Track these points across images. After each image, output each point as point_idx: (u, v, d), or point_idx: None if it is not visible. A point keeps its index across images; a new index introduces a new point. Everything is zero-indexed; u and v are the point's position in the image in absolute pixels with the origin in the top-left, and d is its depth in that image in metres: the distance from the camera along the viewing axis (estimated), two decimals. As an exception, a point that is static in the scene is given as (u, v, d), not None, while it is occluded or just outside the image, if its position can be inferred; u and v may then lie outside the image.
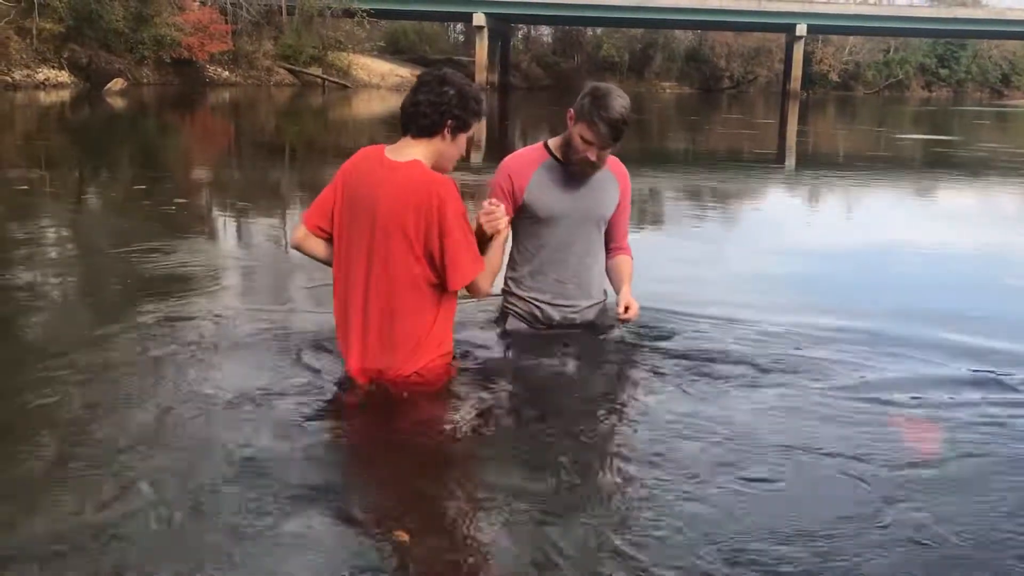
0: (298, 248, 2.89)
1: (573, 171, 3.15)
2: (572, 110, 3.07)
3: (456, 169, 2.89)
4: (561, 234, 3.22)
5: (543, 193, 3.18)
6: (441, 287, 2.75)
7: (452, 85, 2.71)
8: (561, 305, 3.28)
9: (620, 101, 3.01)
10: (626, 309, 3.12)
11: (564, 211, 3.19)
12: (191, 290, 4.11)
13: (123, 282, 4.37)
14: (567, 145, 3.12)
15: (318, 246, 2.86)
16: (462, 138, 2.78)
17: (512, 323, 3.33)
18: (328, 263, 2.87)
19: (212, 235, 5.91)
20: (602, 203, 3.27)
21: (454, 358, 2.93)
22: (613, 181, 3.29)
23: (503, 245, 2.92)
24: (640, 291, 3.27)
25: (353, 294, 2.75)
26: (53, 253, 5.11)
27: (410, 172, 2.68)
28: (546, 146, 3.24)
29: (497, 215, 2.80)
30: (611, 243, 3.39)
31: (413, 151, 2.73)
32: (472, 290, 2.80)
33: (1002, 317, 4.12)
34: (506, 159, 3.25)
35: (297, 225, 2.89)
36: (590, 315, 3.33)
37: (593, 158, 3.07)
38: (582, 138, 3.04)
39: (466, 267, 2.70)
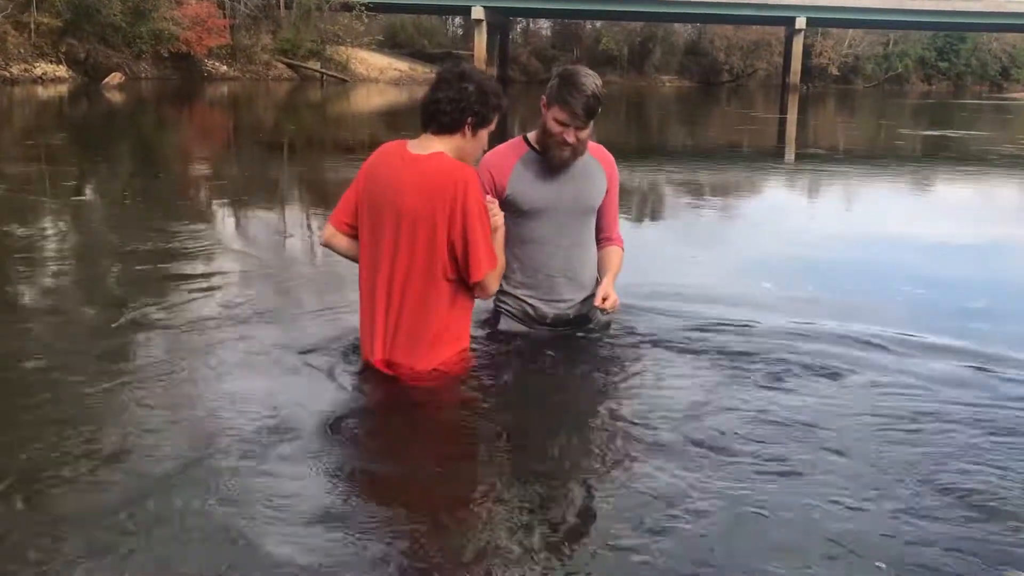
0: (327, 246, 2.97)
1: (553, 159, 3.08)
2: (544, 97, 3.04)
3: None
4: (548, 227, 3.16)
5: (525, 186, 3.13)
6: (459, 281, 2.77)
7: (472, 81, 2.72)
8: (553, 300, 3.23)
9: (590, 78, 2.99)
10: (604, 300, 3.07)
11: (548, 203, 3.14)
12: (202, 287, 4.09)
13: (131, 280, 4.34)
14: (543, 132, 3.08)
15: (346, 243, 2.91)
16: (483, 133, 2.80)
17: (505, 323, 3.27)
18: (355, 259, 2.91)
19: (222, 231, 5.86)
20: (588, 192, 3.20)
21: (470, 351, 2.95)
22: (599, 169, 3.23)
23: (502, 242, 2.91)
24: (639, 286, 3.24)
25: (378, 287, 2.76)
26: (60, 249, 5.11)
27: (434, 163, 2.70)
28: (525, 139, 3.19)
29: (493, 211, 2.80)
30: (600, 233, 3.32)
31: (435, 146, 2.75)
32: (481, 288, 2.80)
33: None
34: (484, 156, 3.16)
35: (326, 224, 2.94)
36: (584, 308, 3.27)
37: (571, 140, 3.01)
38: (557, 121, 3.00)
39: (485, 260, 2.72)
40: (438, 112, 2.71)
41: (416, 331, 2.76)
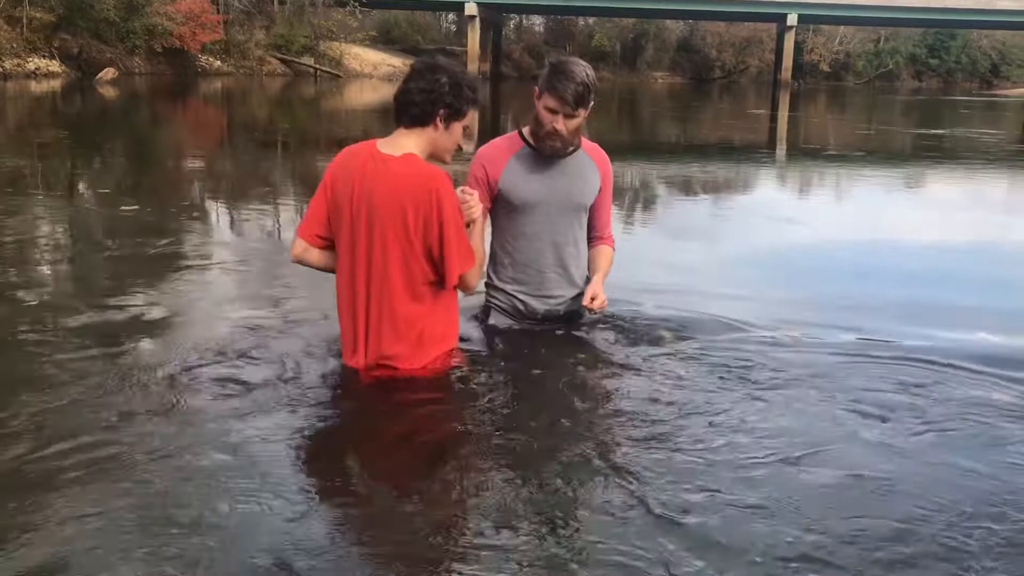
0: (299, 262, 2.84)
1: (544, 149, 3.08)
2: (536, 87, 3.05)
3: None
4: (539, 223, 3.16)
5: (518, 181, 3.13)
6: (438, 282, 2.73)
7: (444, 72, 2.66)
8: (544, 296, 3.23)
9: (580, 67, 2.99)
10: (592, 299, 3.04)
11: (540, 198, 3.13)
12: (186, 292, 4.03)
13: (118, 278, 4.27)
14: (535, 122, 3.07)
15: (318, 256, 2.81)
16: (456, 127, 2.73)
17: (495, 318, 3.27)
18: (331, 271, 2.83)
19: (208, 231, 5.79)
20: (580, 190, 3.19)
21: (457, 351, 2.91)
22: (593, 168, 3.22)
23: (482, 234, 2.88)
24: (633, 283, 3.21)
25: (355, 292, 2.72)
26: (52, 247, 5.13)
27: (405, 166, 2.65)
28: (520, 134, 3.19)
29: (471, 203, 2.77)
30: (592, 232, 3.31)
31: (406, 142, 2.69)
32: (461, 285, 2.77)
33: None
34: (480, 149, 3.19)
35: (295, 239, 2.82)
36: (575, 305, 3.25)
37: (560, 127, 3.00)
38: (547, 109, 3.00)
39: (461, 261, 2.69)
40: (409, 103, 2.64)
41: (398, 333, 2.71)
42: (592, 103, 3.05)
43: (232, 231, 5.88)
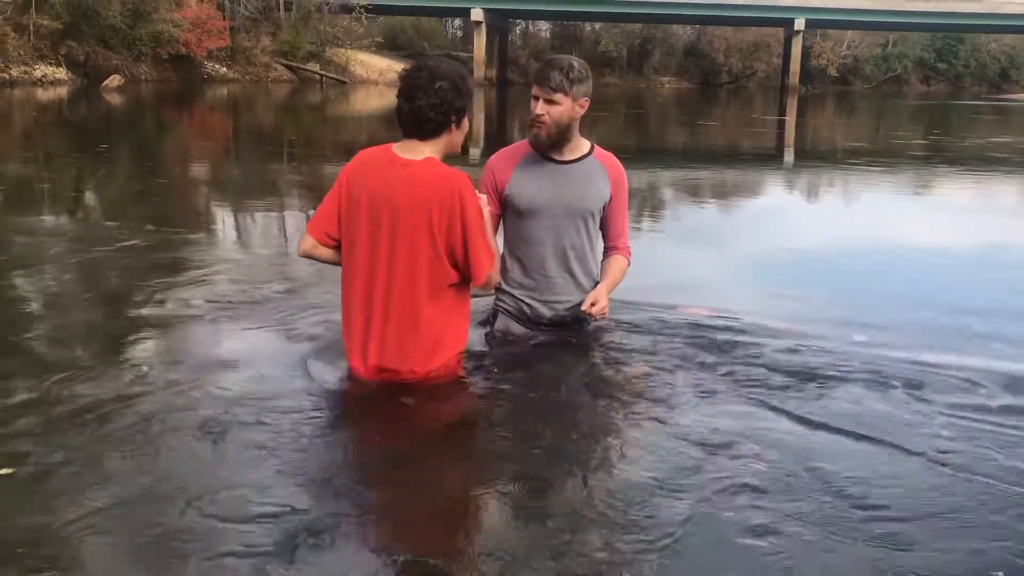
0: (307, 257, 2.87)
1: (530, 138, 3.11)
2: None
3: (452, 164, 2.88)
4: (546, 227, 3.16)
5: (524, 186, 3.15)
6: (458, 284, 2.77)
7: (443, 79, 2.67)
8: (551, 301, 3.22)
9: (566, 57, 3.07)
10: (592, 304, 3.05)
11: (545, 203, 3.14)
12: (191, 295, 4.03)
13: (123, 279, 4.31)
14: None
15: (327, 254, 2.84)
16: (465, 121, 2.80)
17: (502, 321, 3.28)
18: (339, 264, 2.85)
19: (212, 236, 5.80)
20: (586, 195, 3.17)
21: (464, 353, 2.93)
22: (603, 175, 3.20)
23: (494, 234, 2.95)
24: (643, 288, 3.21)
25: (375, 294, 2.72)
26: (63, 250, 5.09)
27: (428, 169, 2.69)
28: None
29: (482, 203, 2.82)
30: (606, 242, 3.31)
31: (425, 148, 2.73)
32: (487, 283, 2.82)
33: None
34: (491, 157, 3.25)
35: (303, 235, 2.86)
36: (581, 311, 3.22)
37: (540, 111, 3.01)
38: (532, 97, 3.06)
39: (486, 261, 2.73)
40: (422, 120, 2.68)
41: (416, 336, 2.73)
42: (581, 96, 3.04)
43: (236, 237, 5.83)
